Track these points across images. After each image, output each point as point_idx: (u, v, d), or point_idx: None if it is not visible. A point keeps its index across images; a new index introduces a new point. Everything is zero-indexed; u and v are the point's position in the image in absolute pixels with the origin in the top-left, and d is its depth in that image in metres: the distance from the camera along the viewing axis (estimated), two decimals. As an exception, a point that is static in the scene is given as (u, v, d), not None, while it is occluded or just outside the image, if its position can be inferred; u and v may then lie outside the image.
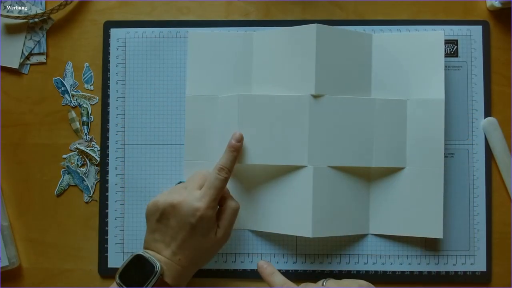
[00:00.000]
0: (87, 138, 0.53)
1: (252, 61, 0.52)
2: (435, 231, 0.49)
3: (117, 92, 0.53)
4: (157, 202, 0.45)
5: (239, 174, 0.51)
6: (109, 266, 0.52)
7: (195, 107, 0.52)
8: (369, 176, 0.51)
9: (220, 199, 0.46)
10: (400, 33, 0.52)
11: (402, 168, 0.50)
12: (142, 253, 0.43)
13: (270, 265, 0.46)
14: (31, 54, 0.54)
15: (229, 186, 0.50)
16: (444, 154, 0.51)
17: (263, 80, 0.51)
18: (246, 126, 0.49)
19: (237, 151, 0.47)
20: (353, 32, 0.50)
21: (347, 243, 0.51)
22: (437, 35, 0.50)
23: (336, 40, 0.49)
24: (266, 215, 0.50)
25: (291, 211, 0.48)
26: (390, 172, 0.50)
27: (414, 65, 0.50)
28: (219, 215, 0.46)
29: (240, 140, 0.48)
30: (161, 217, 0.44)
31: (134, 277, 0.43)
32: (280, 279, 0.44)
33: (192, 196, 0.44)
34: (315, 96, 0.48)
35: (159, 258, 0.44)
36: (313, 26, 0.47)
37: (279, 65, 0.50)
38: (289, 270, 0.52)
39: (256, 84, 0.51)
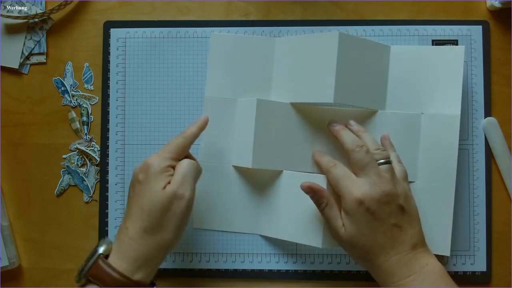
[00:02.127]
0: (87, 138, 0.53)
1: (273, 67, 0.51)
2: (442, 248, 0.48)
3: (117, 92, 0.53)
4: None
5: (252, 178, 0.51)
6: (109, 266, 0.52)
7: (213, 109, 0.51)
8: None
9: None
10: (419, 46, 0.51)
11: (412, 182, 0.49)
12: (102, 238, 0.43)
13: (321, 150, 0.49)
14: (31, 54, 0.54)
15: (242, 189, 0.51)
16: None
17: (282, 86, 0.51)
18: (262, 131, 0.48)
19: (201, 121, 0.46)
20: (372, 42, 0.50)
21: (347, 243, 0.51)
22: (457, 50, 0.49)
23: (356, 50, 0.48)
24: (276, 222, 0.50)
25: (302, 220, 0.48)
26: None
27: (431, 79, 0.49)
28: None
29: (206, 119, 0.47)
30: (133, 191, 0.42)
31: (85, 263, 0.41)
32: (325, 158, 0.47)
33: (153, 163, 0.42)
34: (332, 108, 0.48)
35: (118, 239, 0.41)
36: (336, 33, 0.46)
37: (299, 71, 0.49)
38: (289, 270, 0.52)
39: (275, 89, 0.51)
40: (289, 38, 0.51)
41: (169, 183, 0.41)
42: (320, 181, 0.46)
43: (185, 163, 0.42)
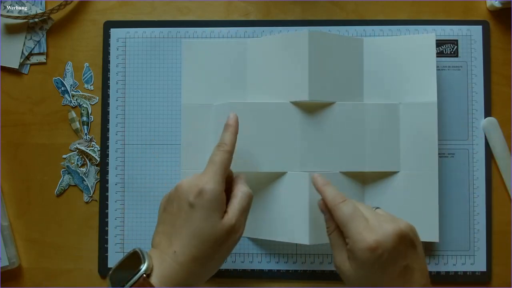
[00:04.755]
0: (87, 138, 0.53)
1: (246, 69, 0.51)
2: (431, 235, 0.48)
3: (117, 92, 0.53)
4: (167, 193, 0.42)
5: None
6: (109, 266, 0.52)
7: (191, 116, 0.51)
8: (364, 181, 0.51)
9: (232, 184, 0.43)
10: (391, 37, 0.52)
11: (396, 172, 0.50)
12: (137, 250, 0.39)
13: (322, 177, 0.43)
14: (31, 54, 0.54)
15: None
16: (444, 154, 0.52)
17: (257, 87, 0.51)
18: (238, 134, 0.48)
19: (234, 127, 0.44)
20: (344, 37, 0.50)
21: (347, 243, 0.51)
22: (428, 38, 0.49)
23: (328, 46, 0.48)
24: (263, 223, 0.50)
25: (288, 218, 0.48)
26: (385, 176, 0.50)
27: (406, 68, 0.50)
28: (229, 200, 0.41)
29: (235, 119, 0.44)
30: (166, 205, 0.41)
31: (123, 275, 0.38)
32: (331, 191, 0.41)
33: (194, 176, 0.41)
34: (307, 103, 0.48)
35: (154, 254, 0.39)
36: (305, 32, 0.47)
37: (273, 72, 0.50)
38: (289, 270, 0.52)
39: (251, 91, 0.51)
40: (261, 39, 0.51)
41: (225, 211, 0.40)
42: (304, 179, 0.47)
43: (244, 195, 0.41)
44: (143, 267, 0.37)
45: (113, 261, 0.52)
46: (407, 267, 0.38)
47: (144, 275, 0.37)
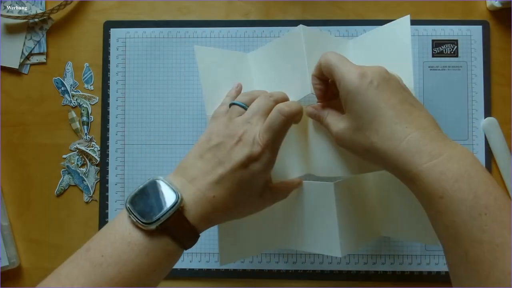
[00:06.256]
0: (87, 138, 0.53)
1: (252, 79, 0.49)
2: (431, 238, 0.46)
3: (117, 92, 0.53)
4: (217, 131, 0.40)
5: None
6: (109, 266, 0.52)
7: None
8: (369, 185, 0.49)
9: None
10: (369, 32, 0.48)
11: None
12: (161, 180, 0.37)
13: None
14: (31, 54, 0.54)
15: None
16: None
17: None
18: None
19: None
20: (332, 36, 0.50)
21: (347, 243, 0.51)
22: (402, 20, 0.45)
23: (322, 42, 0.47)
24: (293, 234, 0.48)
25: (317, 230, 0.46)
26: (390, 175, 0.48)
27: (388, 58, 0.46)
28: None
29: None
30: (216, 146, 0.39)
31: (147, 208, 0.35)
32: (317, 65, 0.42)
33: (254, 132, 0.39)
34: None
35: (184, 189, 0.37)
36: (299, 26, 0.45)
37: (277, 78, 0.48)
38: (289, 270, 0.52)
39: None
40: (259, 50, 0.50)
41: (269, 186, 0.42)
42: (330, 189, 0.44)
43: (291, 187, 0.45)
44: (178, 200, 0.35)
45: (113, 261, 0.52)
46: (405, 101, 0.36)
47: (180, 209, 0.35)
